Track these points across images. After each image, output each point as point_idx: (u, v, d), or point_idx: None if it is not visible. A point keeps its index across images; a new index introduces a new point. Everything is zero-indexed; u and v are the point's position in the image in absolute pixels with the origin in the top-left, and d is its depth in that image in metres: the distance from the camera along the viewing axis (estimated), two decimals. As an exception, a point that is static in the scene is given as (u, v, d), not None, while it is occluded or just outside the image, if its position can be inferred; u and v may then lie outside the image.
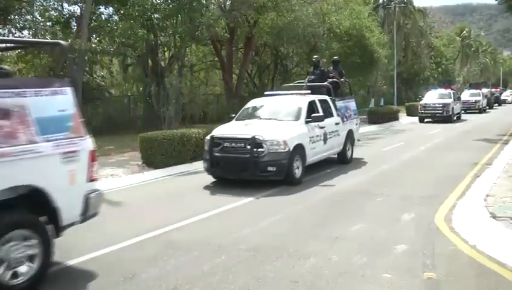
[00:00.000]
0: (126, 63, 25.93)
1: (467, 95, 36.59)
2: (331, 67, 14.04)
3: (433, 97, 27.89)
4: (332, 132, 10.86)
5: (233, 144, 9.10)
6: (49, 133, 4.52)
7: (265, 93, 12.59)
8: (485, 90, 40.62)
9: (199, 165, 11.92)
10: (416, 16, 45.10)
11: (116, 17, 19.59)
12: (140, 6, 18.37)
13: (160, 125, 16.99)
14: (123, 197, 8.58)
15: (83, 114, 5.17)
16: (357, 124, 12.85)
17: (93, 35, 18.98)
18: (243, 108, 11.39)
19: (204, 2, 20.37)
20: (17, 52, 20.24)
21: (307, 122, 9.86)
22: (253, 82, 32.56)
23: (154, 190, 9.53)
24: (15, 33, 17.13)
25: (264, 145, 8.77)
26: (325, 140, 10.45)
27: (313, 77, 12.89)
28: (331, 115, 11.09)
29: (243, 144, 8.95)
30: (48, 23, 18.31)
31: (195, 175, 10.99)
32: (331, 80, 12.69)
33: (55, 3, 18.48)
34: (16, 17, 16.61)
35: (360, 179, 9.90)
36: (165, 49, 22.65)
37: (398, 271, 4.71)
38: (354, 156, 12.43)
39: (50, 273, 4.81)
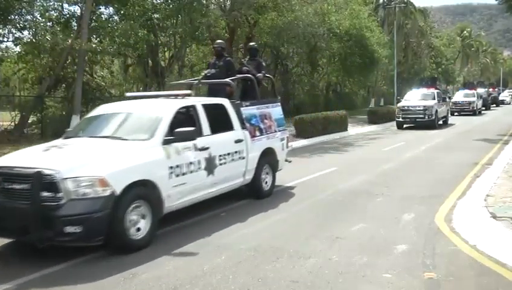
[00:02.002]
0: (126, 63, 25.95)
1: (460, 95, 34.56)
2: (247, 58, 10.22)
3: (413, 98, 24.11)
4: (229, 154, 7.20)
5: (10, 185, 5.30)
6: None
7: (127, 94, 9.01)
8: (481, 91, 38.90)
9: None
10: (416, 16, 45.10)
11: (116, 18, 19.60)
12: (140, 6, 18.41)
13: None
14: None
15: (83, 114, 5.17)
16: (283, 140, 8.94)
17: (94, 36, 18.97)
18: (83, 118, 8.54)
19: (204, 2, 20.40)
20: (17, 52, 20.32)
21: (166, 141, 6.10)
22: (253, 82, 32.50)
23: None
24: (15, 33, 17.13)
25: (62, 187, 5.07)
26: (209, 168, 6.71)
27: (213, 70, 8.75)
28: (228, 128, 7.48)
29: (23, 185, 5.18)
30: (48, 24, 18.30)
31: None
32: (242, 75, 9.02)
33: (55, 3, 18.47)
34: (16, 17, 16.60)
35: (360, 179, 9.90)
36: (165, 49, 22.67)
37: (398, 271, 4.71)
38: (349, 157, 12.15)
39: (48, 276, 4.81)
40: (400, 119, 23.09)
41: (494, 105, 45.11)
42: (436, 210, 7.08)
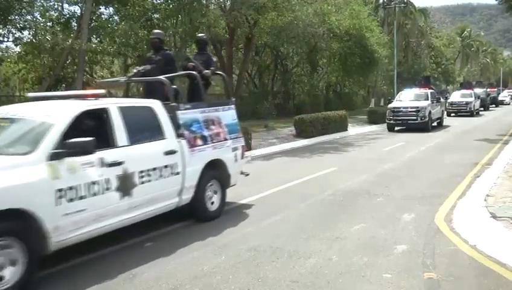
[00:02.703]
0: (126, 63, 25.92)
1: (457, 95, 33.53)
2: (195, 53, 9.04)
3: (405, 99, 22.74)
4: (155, 169, 5.79)
5: None
6: None
7: (28, 95, 7.91)
8: (479, 90, 38.07)
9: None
10: (416, 16, 45.12)
11: (116, 18, 19.61)
12: (140, 6, 18.40)
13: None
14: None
15: None
16: (236, 150, 7.47)
17: (94, 36, 18.99)
18: None
19: (204, 2, 20.40)
20: (17, 52, 20.33)
21: (54, 156, 4.71)
22: (253, 82, 32.61)
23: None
24: (15, 33, 17.14)
25: None
26: (124, 188, 5.33)
27: (149, 66, 7.43)
28: (157, 137, 6.07)
29: None
30: (48, 24, 18.31)
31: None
32: (183, 72, 8.04)
33: (56, 3, 18.50)
34: (16, 17, 16.61)
35: (360, 179, 9.90)
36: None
37: (398, 271, 4.71)
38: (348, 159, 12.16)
39: (50, 274, 4.81)
40: (391, 122, 21.76)
41: (494, 105, 44.42)
42: (436, 210, 7.08)
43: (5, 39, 17.53)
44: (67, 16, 19.08)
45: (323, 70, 34.34)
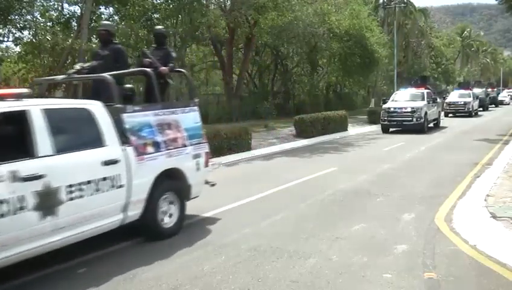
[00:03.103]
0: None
1: (455, 95, 32.84)
2: (153, 48, 7.83)
3: (401, 99, 21.97)
4: (89, 182, 4.97)
5: None
6: None
7: None
8: (478, 90, 37.66)
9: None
10: (416, 16, 45.12)
11: (116, 18, 19.61)
12: (140, 6, 18.41)
13: (160, 125, 16.98)
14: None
15: None
16: (198, 157, 6.63)
17: (94, 36, 18.98)
18: None
19: (204, 2, 20.40)
20: (17, 52, 20.32)
21: None
22: (253, 82, 32.63)
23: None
24: (15, 33, 17.14)
25: None
26: (46, 207, 4.52)
27: (95, 62, 6.73)
28: (94, 144, 5.24)
29: None
30: (48, 24, 18.32)
31: (195, 175, 11.00)
32: (135, 69, 7.56)
33: (56, 3, 18.51)
34: (16, 17, 16.61)
35: (360, 179, 9.90)
36: (165, 49, 22.64)
37: (398, 271, 4.71)
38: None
39: (49, 275, 4.81)
40: (386, 123, 20.92)
41: (493, 105, 44.12)
42: (436, 210, 7.08)
43: (5, 39, 17.54)
44: (67, 16, 19.08)
45: (323, 70, 34.34)
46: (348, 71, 30.98)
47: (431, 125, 22.00)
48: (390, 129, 20.94)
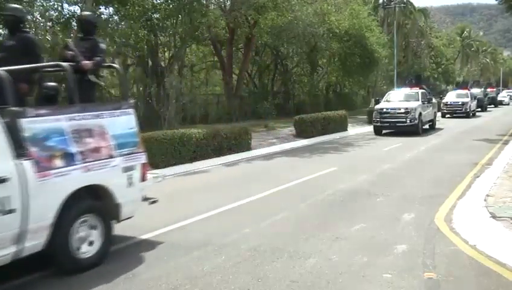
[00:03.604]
0: (126, 63, 25.95)
1: (452, 96, 32.13)
2: (78, 38, 6.98)
3: (394, 99, 21.05)
4: None
5: None
6: None
7: None
8: (476, 91, 36.91)
9: (199, 165, 11.98)
10: (416, 16, 45.14)
11: (116, 18, 19.60)
12: (140, 6, 18.39)
13: (160, 125, 17.00)
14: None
15: None
16: (131, 169, 5.51)
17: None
18: None
19: (204, 2, 20.40)
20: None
21: None
22: (253, 82, 32.62)
23: (154, 190, 9.50)
24: (15, 33, 17.12)
25: None
26: None
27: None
28: None
29: None
30: (48, 24, 18.30)
31: (195, 175, 11.01)
32: (52, 62, 6.36)
33: (56, 3, 18.47)
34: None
35: (360, 179, 9.90)
36: (165, 49, 22.67)
37: (398, 271, 4.71)
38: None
39: (47, 276, 4.81)
40: (378, 124, 20.01)
41: (493, 106, 43.63)
42: (436, 210, 7.08)
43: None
44: (67, 16, 19.06)
45: (323, 70, 34.34)
46: (348, 71, 30.99)
47: (426, 126, 21.18)
48: (383, 131, 20.17)
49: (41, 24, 17.68)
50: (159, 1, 19.93)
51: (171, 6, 19.33)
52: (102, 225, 5.12)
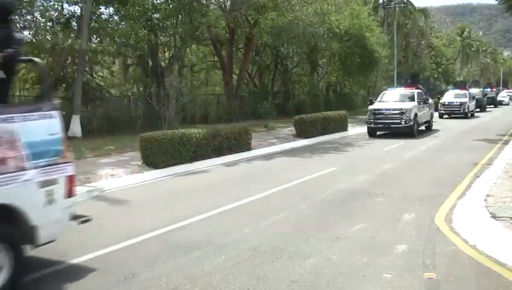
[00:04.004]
0: (127, 63, 25.96)
1: (450, 96, 31.37)
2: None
3: (389, 100, 20.27)
4: None
5: None
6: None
7: None
8: (475, 91, 36.34)
9: (199, 165, 11.98)
10: (416, 16, 45.15)
11: (116, 18, 19.60)
12: (140, 6, 18.40)
13: (160, 125, 17.01)
14: (123, 197, 8.58)
15: (83, 114, 4.99)
16: (50, 184, 4.59)
17: (94, 36, 18.99)
18: None
19: (204, 2, 20.41)
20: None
21: None
22: (253, 82, 32.63)
23: (154, 189, 9.53)
24: (15, 33, 17.10)
25: None
26: None
27: None
28: None
29: None
30: (48, 24, 18.30)
31: (195, 175, 11.01)
32: None
33: (56, 3, 18.47)
34: (16, 17, 16.58)
35: (360, 179, 9.90)
36: (165, 49, 22.69)
37: (398, 271, 4.71)
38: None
39: (50, 273, 4.82)
40: (372, 125, 19.11)
41: (492, 106, 43.38)
42: (436, 210, 7.08)
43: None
44: (67, 15, 19.06)
45: (323, 70, 34.35)
46: (348, 71, 31.00)
47: (422, 128, 20.62)
48: (378, 133, 19.27)
49: (41, 24, 17.67)
50: (159, 1, 19.95)
51: (171, 6, 19.34)
52: (9, 254, 4.18)
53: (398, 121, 18.52)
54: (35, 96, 5.29)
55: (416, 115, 18.95)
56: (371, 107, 19.77)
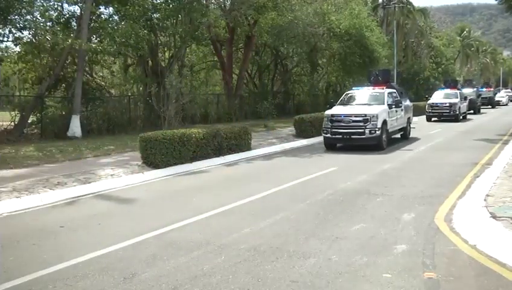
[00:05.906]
0: (127, 63, 25.96)
1: (439, 96, 28.10)
2: None
3: (351, 103, 16.08)
4: None
5: None
6: None
7: None
8: (468, 90, 33.88)
9: (199, 165, 11.98)
10: (415, 16, 45.16)
11: (116, 18, 19.62)
12: (140, 6, 18.42)
13: (160, 125, 17.01)
14: (123, 197, 8.58)
15: (83, 114, 5.10)
16: None
17: (94, 36, 18.99)
18: None
19: (204, 2, 20.43)
20: (17, 52, 20.31)
21: None
22: (253, 82, 32.64)
23: (154, 189, 9.53)
24: (15, 33, 17.14)
25: None
26: None
27: None
28: None
29: None
30: (48, 23, 18.31)
31: (195, 175, 11.01)
32: None
33: (56, 3, 18.49)
34: (16, 17, 16.60)
35: (360, 178, 9.90)
36: (165, 49, 22.70)
37: (398, 271, 4.70)
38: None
39: (50, 273, 4.82)
40: (328, 136, 14.99)
41: (490, 106, 41.91)
42: (436, 210, 7.08)
43: (5, 39, 17.54)
44: (67, 15, 19.07)
45: (323, 70, 34.36)
46: (348, 71, 31.00)
47: (398, 136, 17.16)
48: (337, 145, 15.31)
49: (41, 24, 17.68)
50: (159, 1, 19.97)
51: (171, 6, 19.37)
52: None
53: (361, 130, 14.39)
54: None
55: (385, 122, 14.87)
56: (328, 112, 15.41)
